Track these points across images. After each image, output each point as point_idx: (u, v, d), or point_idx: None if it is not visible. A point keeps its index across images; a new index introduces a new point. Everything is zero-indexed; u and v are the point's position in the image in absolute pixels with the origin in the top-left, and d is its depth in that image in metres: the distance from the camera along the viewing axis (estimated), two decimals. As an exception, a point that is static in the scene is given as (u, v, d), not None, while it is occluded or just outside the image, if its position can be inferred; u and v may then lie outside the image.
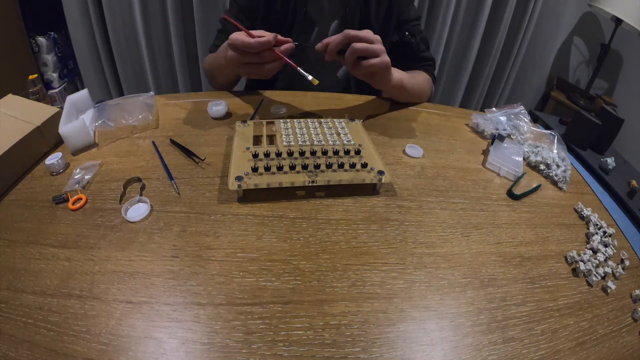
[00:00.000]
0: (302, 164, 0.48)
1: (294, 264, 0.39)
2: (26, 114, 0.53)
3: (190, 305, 0.35)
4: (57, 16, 1.50)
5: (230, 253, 0.40)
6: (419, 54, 0.81)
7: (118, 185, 0.48)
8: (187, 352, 0.31)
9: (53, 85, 1.61)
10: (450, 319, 0.36)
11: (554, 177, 0.58)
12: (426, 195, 0.51)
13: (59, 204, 0.45)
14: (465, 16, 1.64)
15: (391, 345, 0.33)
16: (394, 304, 0.37)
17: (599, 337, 0.37)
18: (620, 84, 1.73)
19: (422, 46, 0.81)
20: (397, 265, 0.40)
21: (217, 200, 0.46)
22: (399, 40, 0.80)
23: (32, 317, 0.33)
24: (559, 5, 1.70)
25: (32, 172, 0.50)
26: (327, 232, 0.43)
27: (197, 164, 0.53)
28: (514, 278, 0.41)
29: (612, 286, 0.41)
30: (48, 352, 0.30)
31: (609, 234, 0.49)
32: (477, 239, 0.45)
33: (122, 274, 0.37)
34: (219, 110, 0.64)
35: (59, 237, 0.41)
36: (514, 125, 0.68)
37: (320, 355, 0.32)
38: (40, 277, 0.36)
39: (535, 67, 1.89)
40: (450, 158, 0.60)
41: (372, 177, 0.48)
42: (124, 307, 0.34)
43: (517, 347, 0.35)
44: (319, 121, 0.59)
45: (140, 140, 0.58)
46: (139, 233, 0.41)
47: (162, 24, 1.54)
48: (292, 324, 0.34)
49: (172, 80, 1.71)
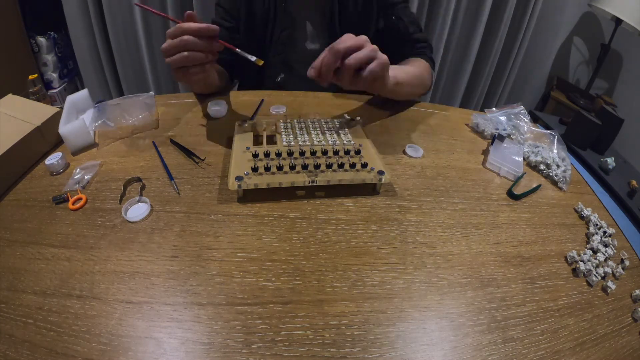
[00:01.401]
0: (302, 164, 0.48)
1: (294, 264, 0.39)
2: (26, 114, 0.53)
3: (190, 305, 0.35)
4: (57, 16, 1.50)
5: (230, 253, 0.40)
6: (410, 37, 0.77)
7: (118, 185, 0.48)
8: (187, 352, 0.31)
9: (53, 85, 1.61)
10: (450, 319, 0.36)
11: (554, 177, 0.58)
12: (426, 195, 0.51)
13: (59, 204, 0.45)
14: (465, 16, 1.64)
15: (391, 345, 0.33)
16: (394, 304, 0.37)
17: (599, 337, 0.37)
18: (620, 84, 1.73)
19: (412, 28, 0.77)
20: (397, 265, 0.40)
21: (217, 200, 0.46)
22: (386, 26, 0.77)
23: (32, 317, 0.33)
24: (559, 5, 1.70)
25: (32, 172, 0.50)
26: (327, 232, 0.43)
27: (197, 164, 0.53)
28: (514, 278, 0.41)
29: (612, 286, 0.41)
30: (48, 352, 0.30)
31: (609, 234, 0.49)
32: (477, 239, 0.45)
33: (122, 274, 0.37)
34: (218, 111, 0.64)
35: (59, 237, 0.41)
36: (514, 125, 0.68)
37: (320, 355, 0.32)
38: (40, 277, 0.36)
39: (535, 67, 1.89)
40: (450, 158, 0.60)
41: (372, 177, 0.48)
42: (124, 307, 0.34)
43: (517, 347, 0.35)
44: (319, 121, 0.59)
45: (140, 140, 0.58)
46: (139, 233, 0.41)
47: (162, 24, 1.54)
48: (292, 324, 0.34)
49: (172, 80, 1.71)
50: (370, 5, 0.76)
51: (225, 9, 0.78)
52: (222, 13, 0.78)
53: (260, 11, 0.76)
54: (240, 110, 0.68)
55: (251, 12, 0.76)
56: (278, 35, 0.77)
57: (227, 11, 0.78)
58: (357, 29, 0.73)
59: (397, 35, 0.77)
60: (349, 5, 0.76)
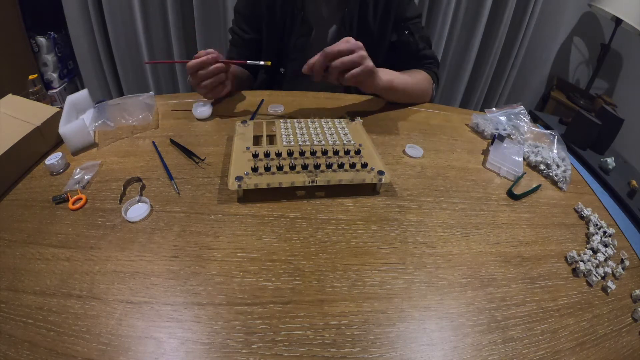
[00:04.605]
0: (302, 164, 0.48)
1: (294, 264, 0.39)
2: (26, 114, 0.53)
3: (190, 305, 0.35)
4: (57, 16, 1.50)
5: (230, 253, 0.40)
6: (419, 53, 0.81)
7: (118, 185, 0.48)
8: (187, 352, 0.31)
9: (53, 85, 1.61)
10: (450, 319, 0.36)
11: (554, 177, 0.58)
12: (426, 195, 0.51)
13: (59, 204, 0.45)
14: (465, 16, 1.64)
15: (391, 345, 0.33)
16: (394, 304, 0.37)
17: (599, 337, 0.37)
18: (620, 84, 1.73)
19: (422, 44, 0.81)
20: (397, 265, 0.40)
21: (217, 200, 0.46)
22: (398, 39, 0.80)
23: (32, 317, 0.33)
24: (559, 5, 1.70)
25: (32, 172, 0.50)
26: (327, 232, 0.43)
27: (197, 164, 0.53)
28: (514, 278, 0.41)
29: (612, 286, 0.41)
30: (48, 352, 0.30)
31: (609, 234, 0.49)
32: (477, 239, 0.45)
33: (122, 274, 0.37)
34: (203, 111, 0.63)
35: (59, 237, 0.41)
36: (514, 125, 0.68)
37: (320, 355, 0.32)
38: (40, 277, 0.36)
39: (535, 67, 1.89)
40: (450, 158, 0.60)
41: (372, 177, 0.48)
42: (124, 307, 0.34)
43: (517, 347, 0.35)
44: (319, 121, 0.59)
45: (140, 140, 0.58)
46: (139, 233, 0.41)
47: (162, 24, 1.54)
48: (292, 324, 0.34)
49: (172, 80, 1.71)
50: (388, 19, 0.78)
51: (245, 15, 0.80)
52: (241, 21, 0.81)
53: (280, 18, 0.77)
54: (240, 110, 0.68)
55: (271, 19, 0.78)
56: (294, 42, 0.79)
57: (246, 18, 0.80)
58: (373, 40, 0.78)
59: (407, 49, 0.80)
60: (368, 17, 0.77)
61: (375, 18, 0.78)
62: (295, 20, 0.77)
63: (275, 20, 0.77)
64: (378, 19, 0.78)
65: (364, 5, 0.76)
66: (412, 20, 0.80)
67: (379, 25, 0.78)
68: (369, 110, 0.72)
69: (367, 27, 0.78)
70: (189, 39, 1.58)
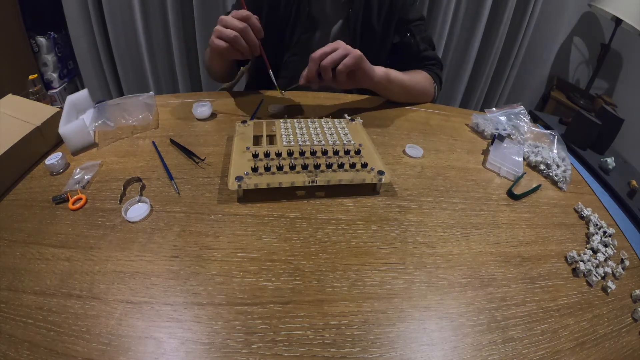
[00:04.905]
0: (302, 164, 0.48)
1: (294, 264, 0.39)
2: (26, 114, 0.53)
3: (190, 305, 0.35)
4: (57, 16, 1.50)
5: (230, 253, 0.40)
6: (421, 54, 0.81)
7: (118, 185, 0.48)
8: (187, 352, 0.31)
9: (53, 85, 1.61)
10: (450, 319, 0.36)
11: (554, 177, 0.58)
12: (426, 195, 0.51)
13: (59, 204, 0.45)
14: (465, 16, 1.64)
15: (391, 345, 0.33)
16: (394, 304, 0.37)
17: (599, 337, 0.37)
18: (620, 84, 1.73)
19: (424, 45, 0.81)
20: (397, 265, 0.40)
21: (217, 200, 0.46)
22: (400, 41, 0.80)
23: (32, 317, 0.33)
24: (559, 5, 1.70)
25: (32, 172, 0.50)
26: (327, 232, 0.43)
27: (197, 164, 0.53)
28: (514, 278, 0.41)
29: (612, 286, 0.41)
30: (48, 352, 0.30)
31: (609, 234, 0.49)
32: (477, 239, 0.45)
33: (122, 274, 0.37)
34: (203, 111, 0.63)
35: (59, 237, 0.41)
36: (514, 125, 0.68)
37: (320, 355, 0.32)
38: (40, 277, 0.36)
39: (535, 67, 1.89)
40: (450, 158, 0.60)
41: (372, 177, 0.48)
42: (124, 307, 0.34)
43: (517, 347, 0.35)
44: (319, 121, 0.59)
45: (140, 140, 0.58)
46: (139, 233, 0.41)
47: (162, 24, 1.54)
48: (292, 324, 0.34)
49: (172, 80, 1.71)
50: (391, 19, 0.78)
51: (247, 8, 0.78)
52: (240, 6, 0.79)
53: (283, 12, 0.76)
54: (240, 109, 0.68)
55: (274, 11, 0.77)
56: (298, 37, 0.79)
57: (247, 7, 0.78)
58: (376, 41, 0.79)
59: (409, 50, 0.80)
60: (372, 18, 0.77)
61: (379, 19, 0.78)
62: (300, 15, 0.76)
63: (277, 14, 0.77)
64: (382, 21, 0.78)
65: (368, 6, 0.77)
66: (414, 22, 0.80)
67: (383, 26, 0.79)
68: (369, 110, 0.72)
69: (370, 28, 0.78)
70: (189, 39, 1.58)
